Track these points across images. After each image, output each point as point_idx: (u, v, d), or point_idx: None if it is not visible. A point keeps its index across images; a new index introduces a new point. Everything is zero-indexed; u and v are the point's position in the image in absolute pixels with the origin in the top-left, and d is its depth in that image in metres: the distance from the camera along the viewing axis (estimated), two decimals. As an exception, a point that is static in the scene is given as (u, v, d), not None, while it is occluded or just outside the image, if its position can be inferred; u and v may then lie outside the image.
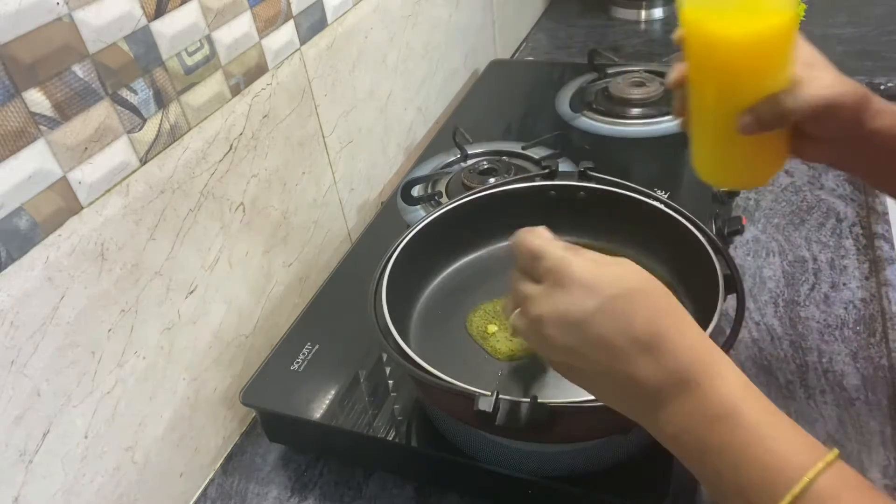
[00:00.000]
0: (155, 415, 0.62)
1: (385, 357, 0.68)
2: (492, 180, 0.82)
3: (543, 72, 1.20)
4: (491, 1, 1.30)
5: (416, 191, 0.87)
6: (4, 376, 0.49)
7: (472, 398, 0.49)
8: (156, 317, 0.61)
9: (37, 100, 0.49)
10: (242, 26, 0.67)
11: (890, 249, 0.82)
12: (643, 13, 1.52)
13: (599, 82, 1.06)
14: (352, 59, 0.86)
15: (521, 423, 0.48)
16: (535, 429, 0.48)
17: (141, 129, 0.58)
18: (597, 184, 0.70)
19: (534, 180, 0.73)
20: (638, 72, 1.04)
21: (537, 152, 0.92)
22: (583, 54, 1.35)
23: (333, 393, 0.65)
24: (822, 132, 0.50)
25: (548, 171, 0.73)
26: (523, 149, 0.93)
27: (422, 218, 0.69)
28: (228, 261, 0.69)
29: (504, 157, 0.92)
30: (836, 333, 0.74)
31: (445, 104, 1.16)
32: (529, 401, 0.48)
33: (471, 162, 0.91)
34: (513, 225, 0.74)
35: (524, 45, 1.49)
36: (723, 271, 0.58)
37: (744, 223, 0.79)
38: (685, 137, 0.97)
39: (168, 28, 0.59)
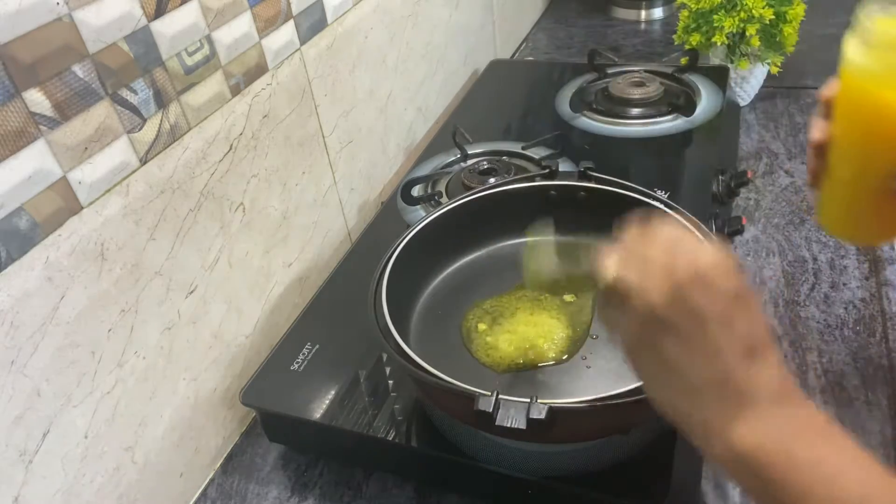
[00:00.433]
0: (155, 415, 0.62)
1: (385, 357, 0.68)
2: (492, 180, 0.82)
3: (543, 72, 1.20)
4: (491, 1, 1.30)
5: (416, 191, 0.87)
6: (4, 376, 0.49)
7: (472, 398, 0.49)
8: (156, 317, 0.61)
9: (37, 100, 0.49)
10: (242, 26, 0.67)
11: (890, 249, 0.82)
12: (643, 13, 1.52)
13: (599, 82, 1.06)
14: (352, 59, 0.86)
15: (521, 423, 0.48)
16: (535, 429, 0.48)
17: (141, 129, 0.58)
18: (597, 184, 0.70)
19: (534, 180, 0.73)
20: (638, 72, 1.04)
21: (537, 152, 0.92)
22: (583, 54, 1.34)
23: (333, 393, 0.65)
24: None
25: (548, 171, 0.73)
26: (523, 149, 0.93)
27: (422, 218, 0.69)
28: (228, 261, 0.69)
29: (504, 157, 0.92)
30: (836, 333, 0.74)
31: (445, 104, 1.16)
32: (529, 401, 0.48)
33: (471, 162, 0.91)
34: (513, 225, 0.75)
35: (524, 45, 1.49)
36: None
37: (744, 223, 0.79)
38: (685, 137, 0.97)
39: (168, 28, 0.59)
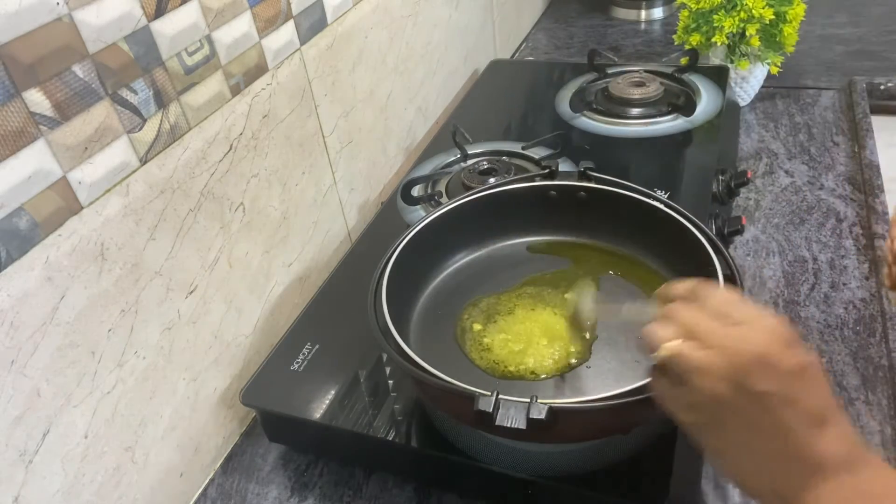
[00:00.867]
0: (155, 415, 0.62)
1: (385, 357, 0.68)
2: (492, 180, 0.82)
3: (543, 72, 1.20)
4: (491, 1, 1.30)
5: (416, 191, 0.87)
6: (4, 376, 0.49)
7: (472, 398, 0.49)
8: (156, 317, 0.61)
9: (37, 100, 0.49)
10: (242, 26, 0.67)
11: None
12: (643, 13, 1.52)
13: (599, 82, 1.06)
14: (352, 59, 0.86)
15: (521, 423, 0.48)
16: (535, 429, 0.48)
17: (141, 129, 0.58)
18: (597, 184, 0.70)
19: (534, 180, 0.73)
20: (638, 72, 1.04)
21: (537, 152, 0.92)
22: (583, 54, 1.35)
23: (333, 393, 0.65)
24: None
25: (548, 171, 0.73)
26: (523, 149, 0.93)
27: (422, 218, 0.69)
28: (228, 261, 0.69)
29: (504, 157, 0.92)
30: (836, 333, 0.74)
31: (445, 104, 1.16)
32: (529, 401, 0.48)
33: (471, 162, 0.91)
34: (513, 225, 0.75)
35: (524, 45, 1.49)
36: (723, 271, 0.58)
37: (744, 223, 0.79)
38: (685, 137, 0.97)
39: (168, 28, 0.59)
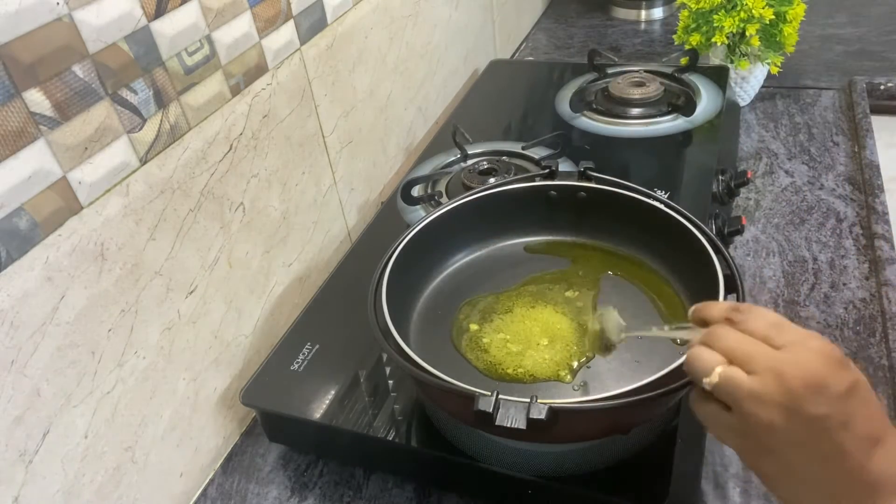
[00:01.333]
0: (155, 415, 0.62)
1: (385, 357, 0.68)
2: (492, 180, 0.82)
3: (543, 72, 1.20)
4: (491, 1, 1.30)
5: (416, 191, 0.87)
6: (4, 376, 0.49)
7: (472, 398, 0.49)
8: (156, 317, 0.61)
9: (37, 100, 0.49)
10: (242, 26, 0.67)
11: (890, 249, 0.81)
12: (643, 13, 1.52)
13: (599, 82, 1.06)
14: (352, 59, 0.86)
15: (521, 423, 0.48)
16: (535, 429, 0.48)
17: (141, 129, 0.58)
18: (597, 184, 0.70)
19: (534, 180, 0.73)
20: (638, 72, 1.04)
21: (537, 152, 0.92)
22: (583, 54, 1.35)
23: (333, 393, 0.65)
24: None
25: (548, 171, 0.73)
26: (523, 149, 0.93)
27: (422, 218, 0.69)
28: (228, 261, 0.69)
29: (504, 157, 0.92)
30: (836, 333, 0.74)
31: (445, 104, 1.16)
32: (529, 401, 0.48)
33: (471, 162, 0.91)
34: (513, 225, 0.75)
35: (524, 45, 1.49)
36: (723, 271, 0.58)
37: (744, 223, 0.79)
38: (685, 137, 0.97)
39: (168, 28, 0.59)
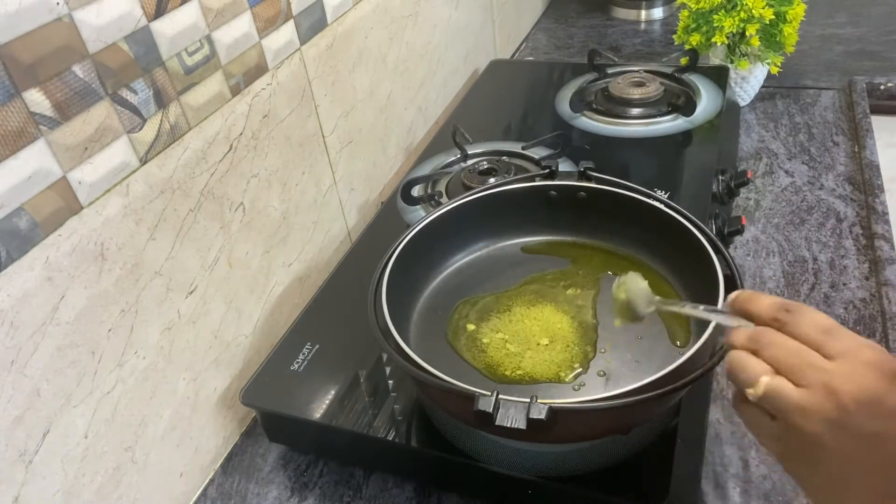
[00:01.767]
0: (155, 415, 0.62)
1: (385, 357, 0.68)
2: (492, 180, 0.82)
3: (543, 72, 1.20)
4: (491, 1, 1.30)
5: (416, 191, 0.87)
6: (4, 376, 0.49)
7: (472, 398, 0.49)
8: (156, 317, 0.61)
9: (37, 100, 0.49)
10: (242, 26, 0.67)
11: (890, 249, 0.81)
12: (643, 13, 1.52)
13: (599, 82, 1.06)
14: (352, 59, 0.86)
15: (521, 423, 0.48)
16: (535, 429, 0.48)
17: (141, 129, 0.58)
18: (597, 184, 0.70)
19: (534, 180, 0.73)
20: (638, 72, 1.04)
21: (537, 152, 0.92)
22: (583, 54, 1.35)
23: (333, 393, 0.65)
24: None
25: (548, 171, 0.73)
26: (523, 149, 0.93)
27: (422, 218, 0.69)
28: (228, 261, 0.69)
29: (504, 157, 0.92)
30: (836, 333, 0.74)
31: (445, 104, 1.16)
32: (529, 401, 0.48)
33: (471, 162, 0.91)
34: (513, 225, 0.75)
35: (524, 45, 1.49)
36: (723, 271, 0.58)
37: (744, 223, 0.79)
38: (685, 137, 0.97)
39: (168, 28, 0.59)
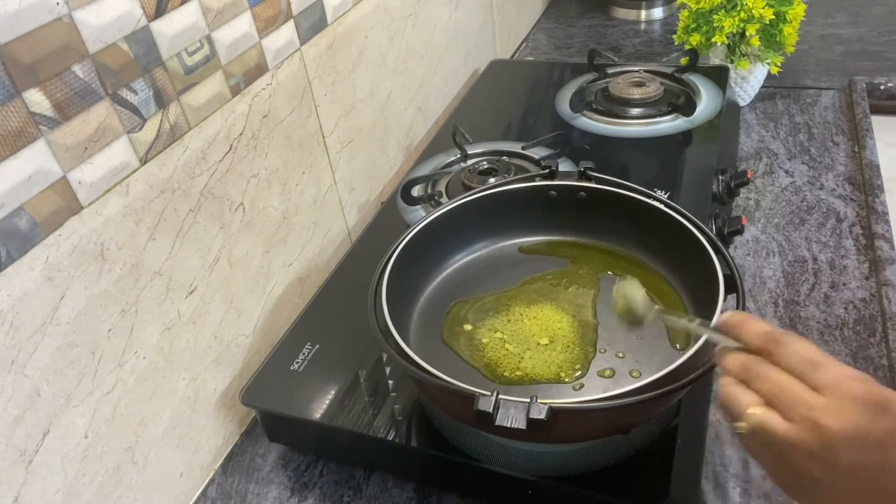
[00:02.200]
0: (155, 415, 0.62)
1: (385, 357, 0.68)
2: (492, 180, 0.82)
3: (543, 72, 1.20)
4: (491, 1, 1.30)
5: (416, 191, 0.87)
6: (4, 376, 0.49)
7: (472, 398, 0.49)
8: (156, 317, 0.61)
9: (37, 100, 0.49)
10: (242, 26, 0.67)
11: (890, 249, 0.81)
12: (643, 13, 1.52)
13: (599, 82, 1.06)
14: (352, 59, 0.86)
15: (521, 423, 0.48)
16: (535, 429, 0.48)
17: (141, 129, 0.58)
18: (597, 184, 0.70)
19: (534, 180, 0.73)
20: (638, 72, 1.04)
21: (537, 152, 0.92)
22: (583, 54, 1.35)
23: (333, 393, 0.65)
24: None
25: (548, 171, 0.73)
26: (523, 149, 0.93)
27: (422, 218, 0.69)
28: (228, 261, 0.69)
29: (504, 157, 0.92)
30: (836, 333, 0.74)
31: (445, 104, 1.16)
32: (529, 401, 0.48)
33: (471, 162, 0.91)
34: (513, 225, 0.75)
35: (524, 45, 1.49)
36: (723, 271, 0.58)
37: (744, 223, 0.79)
38: (685, 137, 0.97)
39: (168, 28, 0.59)
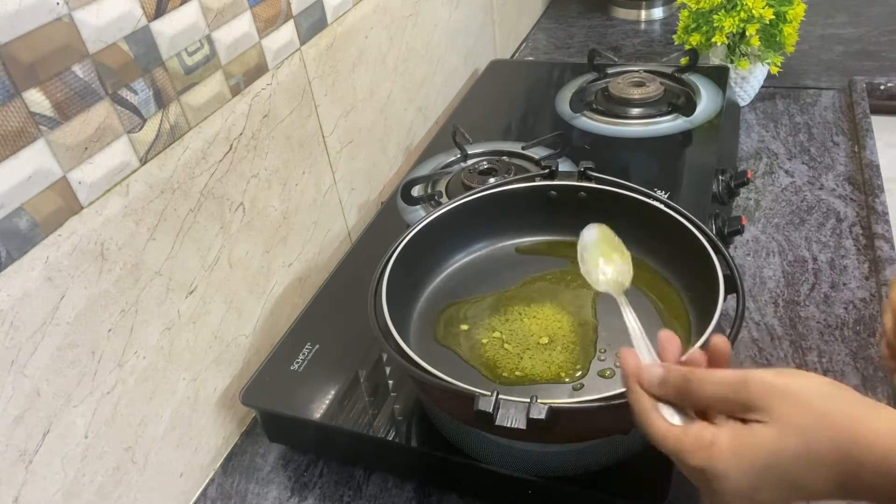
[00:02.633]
0: (155, 415, 0.62)
1: (385, 357, 0.68)
2: (492, 180, 0.82)
3: (543, 72, 1.20)
4: (491, 1, 1.30)
5: (416, 191, 0.87)
6: (4, 376, 0.49)
7: (472, 398, 0.49)
8: (156, 317, 0.61)
9: (37, 100, 0.49)
10: (242, 26, 0.67)
11: (890, 249, 0.82)
12: (643, 13, 1.52)
13: (599, 82, 1.06)
14: (352, 59, 0.86)
15: (521, 423, 0.48)
16: (535, 429, 0.48)
17: (141, 129, 0.58)
18: (597, 184, 0.70)
19: (534, 180, 0.73)
20: (638, 72, 1.04)
21: (537, 152, 0.92)
22: (583, 54, 1.35)
23: (333, 393, 0.65)
24: None
25: (548, 171, 0.73)
26: (523, 149, 0.93)
27: (422, 218, 0.69)
28: (228, 261, 0.69)
29: (504, 157, 0.92)
30: (836, 333, 0.74)
31: (445, 104, 1.16)
32: (529, 401, 0.48)
33: (471, 162, 0.91)
34: (513, 225, 0.75)
35: (524, 45, 1.49)
36: (723, 271, 0.58)
37: (744, 223, 0.79)
38: (685, 137, 0.97)
39: (168, 28, 0.59)
